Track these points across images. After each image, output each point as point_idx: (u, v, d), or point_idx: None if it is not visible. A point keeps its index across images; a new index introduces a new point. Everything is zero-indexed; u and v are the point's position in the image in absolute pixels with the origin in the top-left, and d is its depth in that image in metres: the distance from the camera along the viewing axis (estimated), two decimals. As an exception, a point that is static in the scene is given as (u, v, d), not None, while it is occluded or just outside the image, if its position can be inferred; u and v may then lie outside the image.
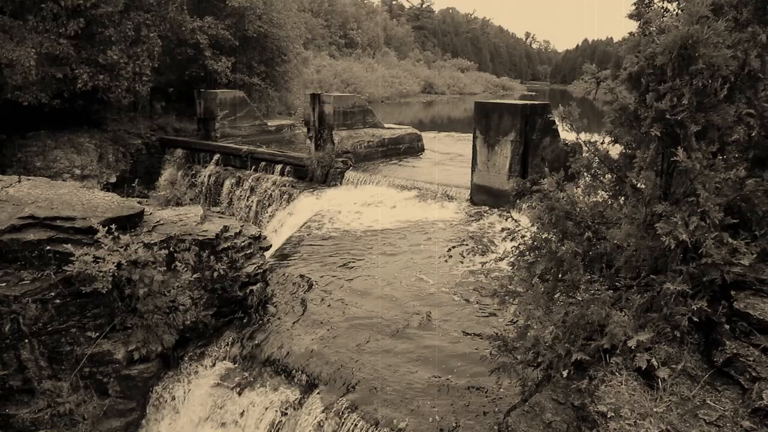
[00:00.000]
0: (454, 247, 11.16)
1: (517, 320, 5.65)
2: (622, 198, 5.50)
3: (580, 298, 4.97)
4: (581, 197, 5.76)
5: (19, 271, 7.47)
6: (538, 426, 4.41)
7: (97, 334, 7.69)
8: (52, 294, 7.44)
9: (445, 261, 10.89)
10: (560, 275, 5.47)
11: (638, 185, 5.35)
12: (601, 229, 5.55)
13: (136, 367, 7.82)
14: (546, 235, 5.69)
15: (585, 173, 5.43)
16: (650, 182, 4.87)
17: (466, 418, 6.04)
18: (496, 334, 5.53)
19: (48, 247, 7.52)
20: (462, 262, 10.68)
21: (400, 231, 13.21)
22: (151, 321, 7.82)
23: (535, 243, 5.97)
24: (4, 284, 7.30)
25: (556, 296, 5.56)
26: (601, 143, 5.56)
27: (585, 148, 5.53)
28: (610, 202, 5.71)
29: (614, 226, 5.33)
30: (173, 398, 7.95)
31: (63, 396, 7.55)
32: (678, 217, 4.52)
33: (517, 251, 6.16)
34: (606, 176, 5.53)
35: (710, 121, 4.55)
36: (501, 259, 6.15)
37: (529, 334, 5.16)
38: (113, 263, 7.35)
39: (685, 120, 4.46)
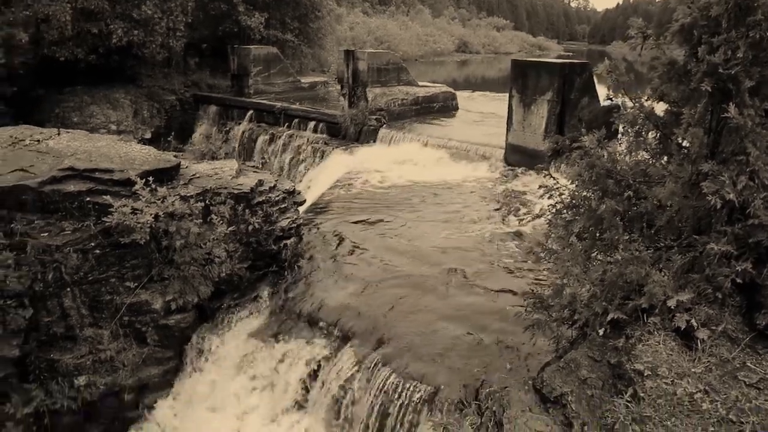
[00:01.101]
0: (492, 211, 11.10)
1: (553, 278, 5.61)
2: (666, 157, 5.35)
3: (619, 258, 4.88)
4: (623, 156, 5.63)
5: (61, 222, 7.63)
6: (573, 382, 4.39)
7: (136, 284, 7.86)
8: (92, 244, 7.60)
9: (478, 220, 10.83)
10: (599, 234, 5.39)
11: (684, 143, 5.20)
12: (643, 189, 5.42)
13: (173, 317, 7.99)
14: (585, 193, 5.59)
15: (629, 130, 5.28)
16: (697, 140, 4.72)
17: (499, 374, 6.05)
18: (532, 291, 5.50)
19: (87, 199, 7.65)
20: (495, 222, 10.62)
21: (433, 189, 13.14)
22: (188, 272, 7.96)
23: (574, 201, 5.87)
24: (47, 234, 7.47)
25: (593, 255, 5.49)
26: (646, 100, 5.40)
27: (630, 105, 5.37)
28: (653, 161, 5.56)
29: (657, 184, 5.20)
30: (209, 349, 8.13)
31: (104, 343, 7.77)
32: (725, 177, 4.39)
33: (554, 210, 6.08)
34: (650, 134, 5.38)
35: (765, 76, 4.37)
36: (538, 217, 6.08)
37: (565, 292, 5.11)
38: (151, 215, 7.45)
39: (739, 74, 4.28)
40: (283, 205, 9.19)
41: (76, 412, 7.70)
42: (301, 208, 10.18)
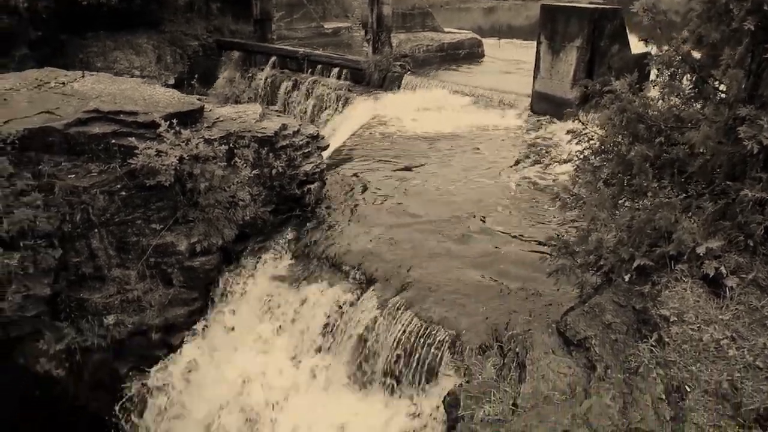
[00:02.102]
0: (517, 160, 10.97)
1: (579, 224, 5.54)
2: (702, 101, 5.18)
3: (648, 204, 4.79)
4: (655, 101, 5.47)
5: (87, 164, 7.69)
6: (597, 326, 4.38)
7: (161, 226, 7.95)
8: (118, 186, 7.67)
9: (503, 168, 10.72)
10: (627, 180, 5.28)
11: (721, 87, 5.02)
12: (674, 135, 5.27)
13: (198, 259, 8.09)
14: (615, 138, 5.47)
15: (664, 72, 5.11)
16: (736, 83, 4.55)
17: (522, 317, 6.06)
18: (557, 235, 5.44)
19: (113, 141, 7.68)
20: (520, 169, 10.51)
21: (458, 137, 12.99)
22: (212, 215, 8.02)
23: (603, 147, 5.75)
24: (74, 176, 7.55)
25: (621, 201, 5.39)
26: (683, 42, 5.20)
27: (666, 47, 5.17)
28: (686, 106, 5.40)
29: (690, 129, 5.05)
30: (233, 291, 8.24)
31: (131, 284, 7.92)
32: (764, 121, 4.24)
33: (582, 155, 5.97)
34: (686, 77, 5.20)
35: (811, 13, 4.16)
36: (566, 162, 5.97)
37: (591, 237, 5.05)
38: (175, 157, 7.47)
39: (784, 12, 4.09)
40: (306, 150, 9.15)
41: (106, 350, 7.93)
42: (325, 154, 10.14)
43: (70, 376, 8.04)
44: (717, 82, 5.00)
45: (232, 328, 8.01)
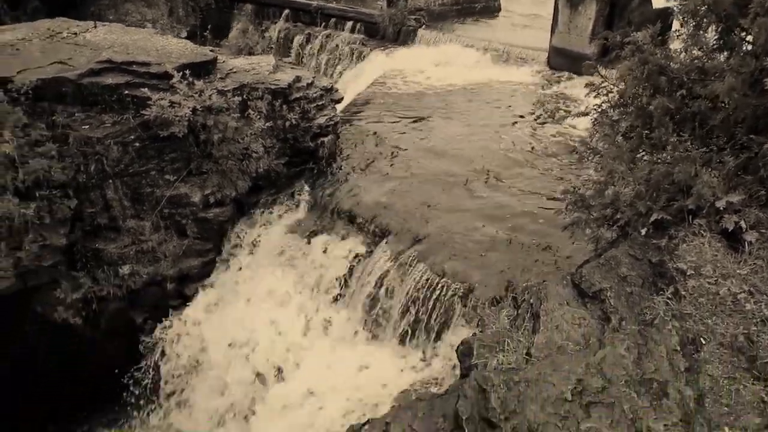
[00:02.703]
0: (533, 114, 10.81)
1: (596, 178, 5.47)
2: (727, 51, 5.04)
3: (667, 157, 4.72)
4: (677, 53, 5.34)
5: (101, 115, 7.66)
6: (612, 278, 4.36)
7: (175, 177, 7.95)
8: (132, 137, 7.65)
9: (518, 122, 10.59)
10: (647, 133, 5.19)
11: (748, 38, 4.88)
12: (696, 88, 5.15)
13: (211, 211, 8.12)
14: (635, 91, 5.36)
15: (689, 21, 4.97)
16: (765, 32, 4.40)
17: (536, 272, 6.06)
18: (574, 189, 5.38)
19: (126, 92, 7.62)
20: (535, 125, 10.39)
21: (473, 91, 12.80)
22: (226, 166, 8.00)
23: (622, 100, 5.65)
24: (87, 126, 7.53)
25: (639, 155, 5.32)
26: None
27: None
28: (710, 58, 5.26)
29: (713, 81, 4.93)
30: (246, 242, 8.29)
31: (145, 234, 7.97)
32: (792, 71, 4.13)
33: (600, 109, 5.88)
34: (711, 27, 5.05)
35: None
36: (584, 115, 5.87)
37: (607, 191, 4.99)
38: (188, 108, 7.42)
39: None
40: (320, 102, 9.06)
41: (122, 299, 8.04)
42: (339, 107, 10.04)
43: (87, 325, 8.18)
44: (744, 32, 4.86)
45: (245, 279, 8.07)
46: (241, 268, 8.16)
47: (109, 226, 7.96)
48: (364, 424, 4.53)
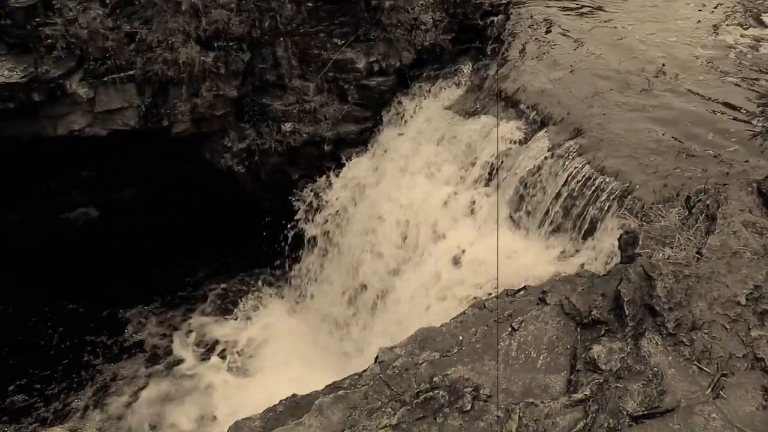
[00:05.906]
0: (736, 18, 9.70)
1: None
2: None
3: None
4: None
5: (277, -30, 7.77)
6: (808, 191, 3.98)
7: (342, 41, 8.06)
8: (306, -4, 7.75)
9: (713, 26, 9.54)
10: None
11: None
12: None
13: (374, 79, 8.21)
14: None
15: None
16: None
17: (708, 182, 5.58)
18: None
19: (304, -50, 7.65)
20: (734, 30, 9.32)
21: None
22: (393, 35, 7.96)
23: None
24: (264, -19, 7.69)
25: None
26: None
27: None
28: None
29: None
30: (405, 114, 8.33)
31: (309, 95, 8.25)
32: None
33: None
34: None
35: None
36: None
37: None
38: (363, -30, 7.36)
39: None
40: (493, -24, 8.67)
41: (282, 155, 8.52)
42: (512, -13, 9.51)
43: (248, 175, 8.78)
44: None
45: (401, 150, 8.18)
46: (396, 139, 8.27)
47: (276, 84, 8.31)
48: (519, 290, 4.55)
